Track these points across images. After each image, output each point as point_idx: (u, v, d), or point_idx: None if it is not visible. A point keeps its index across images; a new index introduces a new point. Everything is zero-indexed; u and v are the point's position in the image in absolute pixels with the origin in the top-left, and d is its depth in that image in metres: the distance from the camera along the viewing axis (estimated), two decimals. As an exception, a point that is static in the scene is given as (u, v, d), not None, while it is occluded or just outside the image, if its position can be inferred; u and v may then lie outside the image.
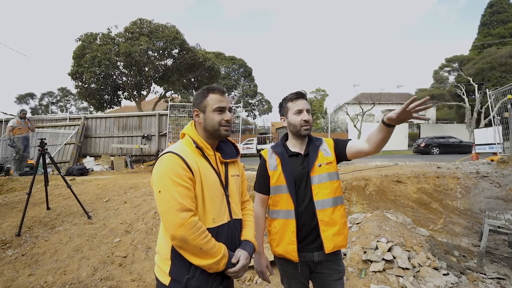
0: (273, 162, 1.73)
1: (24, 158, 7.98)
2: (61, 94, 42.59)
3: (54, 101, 43.01)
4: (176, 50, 15.56)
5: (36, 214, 4.34)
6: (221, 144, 1.50)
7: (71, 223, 4.08)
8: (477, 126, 21.48)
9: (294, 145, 1.78)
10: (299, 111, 1.70)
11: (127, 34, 14.83)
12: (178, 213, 1.17)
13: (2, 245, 3.56)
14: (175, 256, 1.25)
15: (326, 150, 1.77)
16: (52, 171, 8.12)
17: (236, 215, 1.43)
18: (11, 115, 11.21)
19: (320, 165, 1.69)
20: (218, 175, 1.37)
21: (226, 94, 1.44)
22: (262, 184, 1.77)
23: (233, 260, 1.29)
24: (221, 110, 1.37)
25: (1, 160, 9.81)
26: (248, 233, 1.46)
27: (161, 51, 15.13)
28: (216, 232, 1.29)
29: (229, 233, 1.35)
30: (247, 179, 1.71)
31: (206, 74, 17.51)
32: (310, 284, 1.81)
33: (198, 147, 1.34)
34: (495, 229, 3.85)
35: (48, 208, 4.49)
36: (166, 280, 1.26)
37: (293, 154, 1.73)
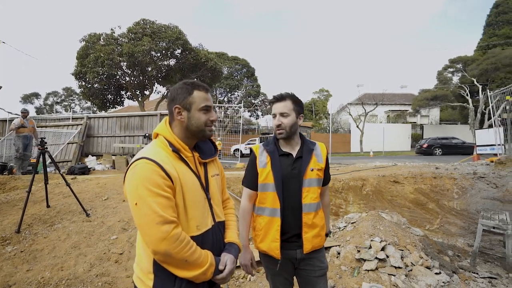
0: (263, 160, 1.73)
1: (26, 157, 8.10)
2: (65, 93, 42.99)
3: (58, 100, 43.44)
4: (179, 50, 15.65)
5: (36, 212, 4.43)
6: (199, 142, 1.39)
7: (70, 221, 4.16)
8: (481, 127, 21.31)
9: (285, 145, 1.78)
10: (274, 116, 1.75)
11: (130, 34, 14.95)
12: (159, 226, 1.06)
13: (2, 242, 3.64)
14: (158, 269, 1.15)
15: (320, 156, 1.77)
16: (54, 170, 8.24)
17: (219, 217, 1.38)
18: (16, 114, 11.37)
19: (312, 170, 1.70)
20: (198, 177, 1.27)
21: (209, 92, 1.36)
22: (251, 180, 1.76)
23: (221, 267, 1.23)
24: (207, 109, 1.28)
25: (5, 159, 9.96)
26: (231, 235, 1.42)
27: (163, 51, 15.23)
28: (201, 240, 1.22)
29: (214, 238, 1.30)
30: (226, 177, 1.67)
31: (209, 74, 17.59)
32: (295, 280, 1.85)
33: (174, 150, 1.22)
34: (489, 229, 3.86)
35: (48, 206, 4.58)
36: None
37: (283, 154, 1.74)
